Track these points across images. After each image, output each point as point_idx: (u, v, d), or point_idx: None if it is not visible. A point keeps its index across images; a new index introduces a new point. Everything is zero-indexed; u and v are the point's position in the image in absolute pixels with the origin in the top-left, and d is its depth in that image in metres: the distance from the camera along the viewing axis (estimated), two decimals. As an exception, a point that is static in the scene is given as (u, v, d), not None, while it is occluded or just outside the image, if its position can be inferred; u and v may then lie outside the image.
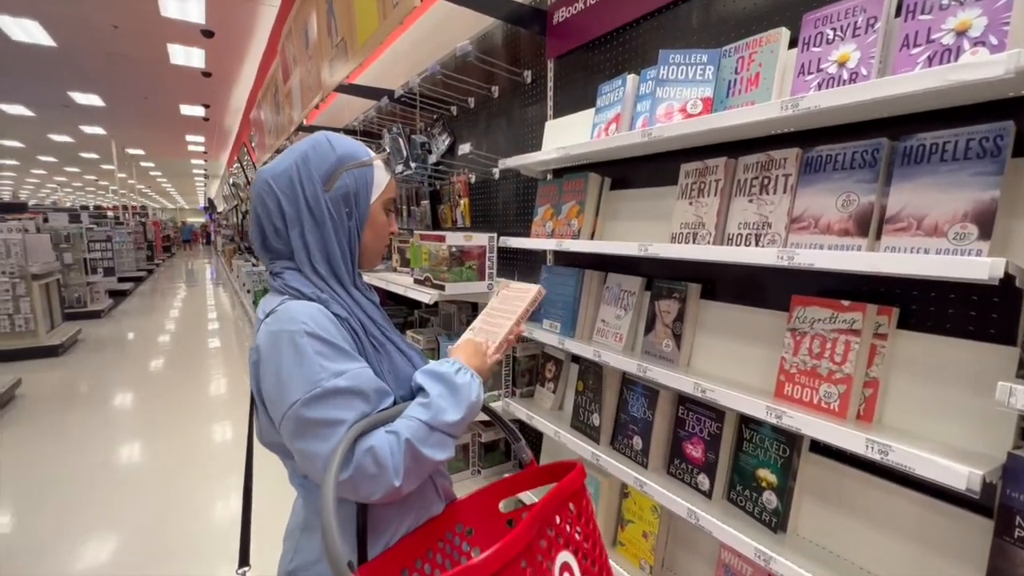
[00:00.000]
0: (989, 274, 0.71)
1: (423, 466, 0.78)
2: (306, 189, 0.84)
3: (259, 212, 0.86)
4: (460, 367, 0.88)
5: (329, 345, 0.77)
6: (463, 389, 0.84)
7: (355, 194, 0.88)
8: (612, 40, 1.67)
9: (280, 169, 0.85)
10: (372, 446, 0.73)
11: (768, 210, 1.13)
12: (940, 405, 0.93)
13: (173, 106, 10.14)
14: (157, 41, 6.71)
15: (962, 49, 0.82)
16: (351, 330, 0.83)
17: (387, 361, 0.87)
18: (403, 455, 0.74)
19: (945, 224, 0.85)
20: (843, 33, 0.98)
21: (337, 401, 0.74)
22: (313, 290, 0.83)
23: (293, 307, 0.79)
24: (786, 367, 1.11)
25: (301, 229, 0.84)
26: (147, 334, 7.16)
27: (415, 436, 0.76)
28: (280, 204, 0.84)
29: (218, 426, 4.01)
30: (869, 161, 0.97)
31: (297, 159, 0.86)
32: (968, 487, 0.75)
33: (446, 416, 0.80)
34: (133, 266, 11.50)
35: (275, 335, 0.76)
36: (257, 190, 0.86)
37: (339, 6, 2.30)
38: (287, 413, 0.74)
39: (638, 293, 1.55)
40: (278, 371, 0.75)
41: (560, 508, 0.82)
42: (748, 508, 1.21)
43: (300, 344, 0.75)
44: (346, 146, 0.89)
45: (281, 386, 0.74)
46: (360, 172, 0.89)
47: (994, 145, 0.81)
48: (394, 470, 0.74)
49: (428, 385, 0.83)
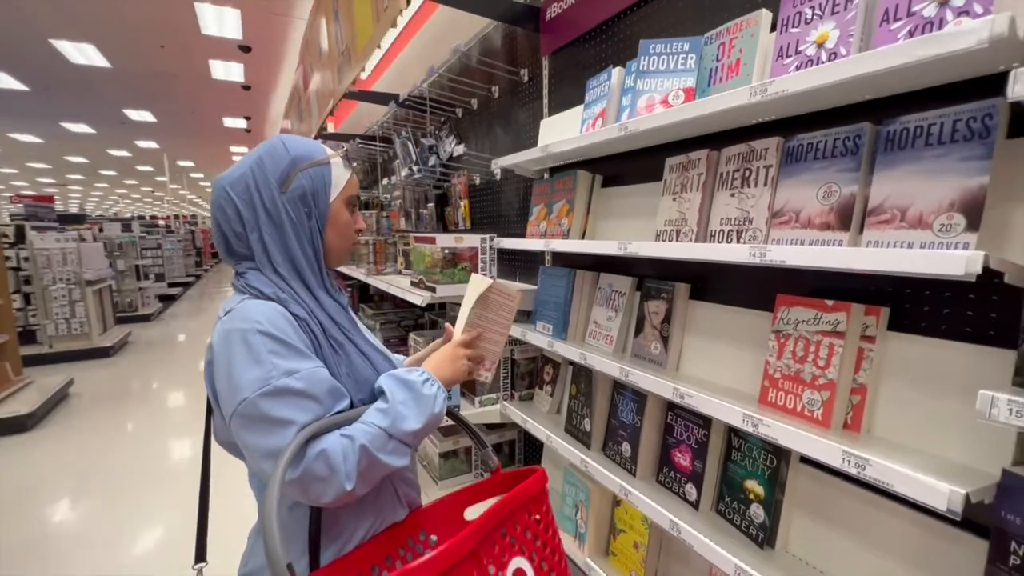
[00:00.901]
0: (965, 269, 0.63)
1: (377, 471, 0.77)
2: (262, 192, 0.84)
3: (219, 219, 0.86)
4: (428, 378, 0.87)
5: (282, 344, 0.76)
6: (426, 400, 0.83)
7: (312, 194, 0.87)
8: (603, 32, 1.63)
9: (236, 175, 0.85)
10: (324, 449, 0.72)
11: (749, 204, 1.06)
12: (936, 414, 0.85)
13: (217, 119, 10.67)
14: (199, 58, 7.09)
15: (945, 20, 0.74)
16: (309, 331, 0.82)
17: (345, 363, 0.86)
18: (356, 460, 0.73)
19: (930, 215, 0.77)
20: (822, 12, 0.91)
21: (288, 400, 0.73)
22: (273, 290, 0.82)
23: (249, 306, 0.78)
24: (770, 371, 1.03)
25: (260, 233, 0.84)
26: (193, 335, 7.55)
27: (372, 443, 0.75)
28: (238, 210, 0.84)
29: None
30: (851, 148, 0.89)
31: (252, 164, 0.85)
32: (949, 507, 0.67)
33: (406, 424, 0.79)
34: (182, 272, 12.16)
35: (228, 333, 0.76)
36: (215, 198, 0.86)
37: (343, 14, 2.35)
38: (236, 410, 0.72)
39: (628, 294, 1.49)
40: (229, 369, 0.74)
41: (516, 513, 0.79)
42: (736, 521, 1.14)
43: (252, 342, 0.74)
44: (301, 147, 0.88)
45: (232, 383, 0.73)
46: (316, 171, 0.87)
47: (982, 126, 0.73)
48: (346, 474, 0.73)
49: (392, 391, 0.82)
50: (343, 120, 4.87)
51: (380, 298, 3.66)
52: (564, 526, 1.66)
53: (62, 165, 15.43)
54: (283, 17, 5.86)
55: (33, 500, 2.96)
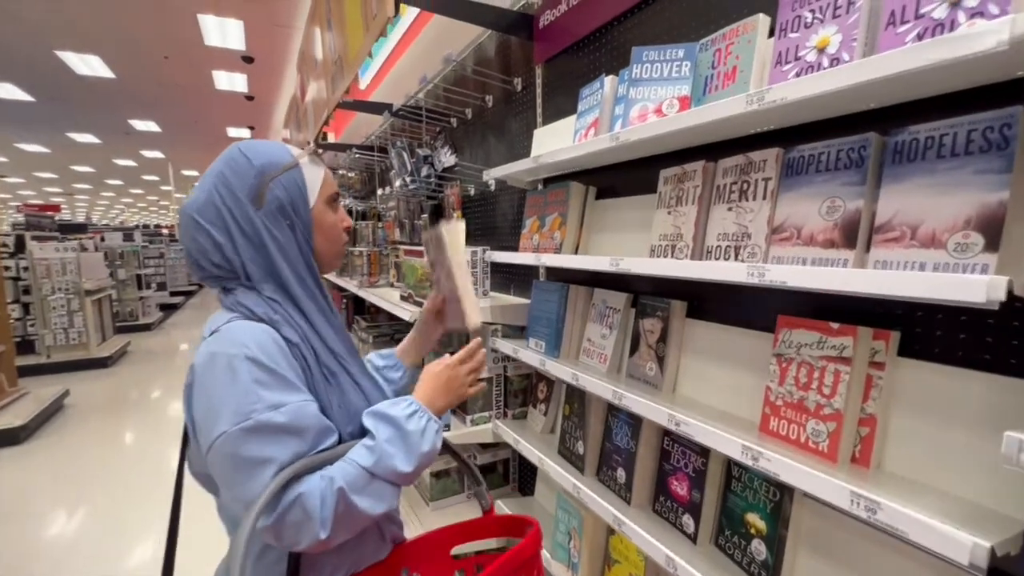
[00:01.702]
0: (987, 296, 0.57)
1: (357, 518, 0.71)
2: (235, 213, 0.77)
3: (192, 250, 0.78)
4: (414, 410, 0.79)
5: (270, 373, 0.70)
6: (414, 437, 0.76)
7: (291, 204, 0.80)
8: (597, 40, 1.58)
9: (202, 200, 0.77)
10: (301, 493, 0.67)
11: (747, 219, 0.99)
12: (951, 450, 0.77)
13: (221, 129, 10.74)
14: (203, 69, 7.13)
15: (956, 22, 0.68)
16: (302, 357, 0.76)
17: (337, 394, 0.80)
18: (334, 505, 0.68)
19: (944, 233, 0.70)
20: (823, 15, 0.85)
21: (269, 437, 0.67)
22: (265, 310, 0.76)
23: (238, 328, 0.72)
24: (772, 398, 0.96)
25: (240, 258, 0.77)
26: (195, 344, 7.52)
27: (350, 485, 0.70)
28: (213, 238, 0.76)
29: None
30: (856, 160, 0.83)
31: (215, 183, 0.78)
32: (971, 562, 0.60)
33: (394, 463, 0.73)
34: (185, 281, 12.18)
35: (213, 356, 0.70)
36: (184, 228, 0.79)
37: (336, 24, 2.32)
38: (214, 443, 0.67)
39: (623, 310, 1.42)
40: (210, 396, 0.69)
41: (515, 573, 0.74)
42: (736, 557, 1.06)
43: (237, 368, 0.68)
44: (264, 153, 0.80)
45: (211, 413, 0.68)
46: (288, 178, 0.80)
47: (1000, 136, 0.66)
48: (321, 522, 0.68)
49: (375, 428, 0.76)
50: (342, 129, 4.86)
51: (376, 311, 3.60)
52: (557, 555, 1.58)
53: (68, 175, 15.57)
54: (285, 28, 5.88)
55: (23, 514, 2.90)
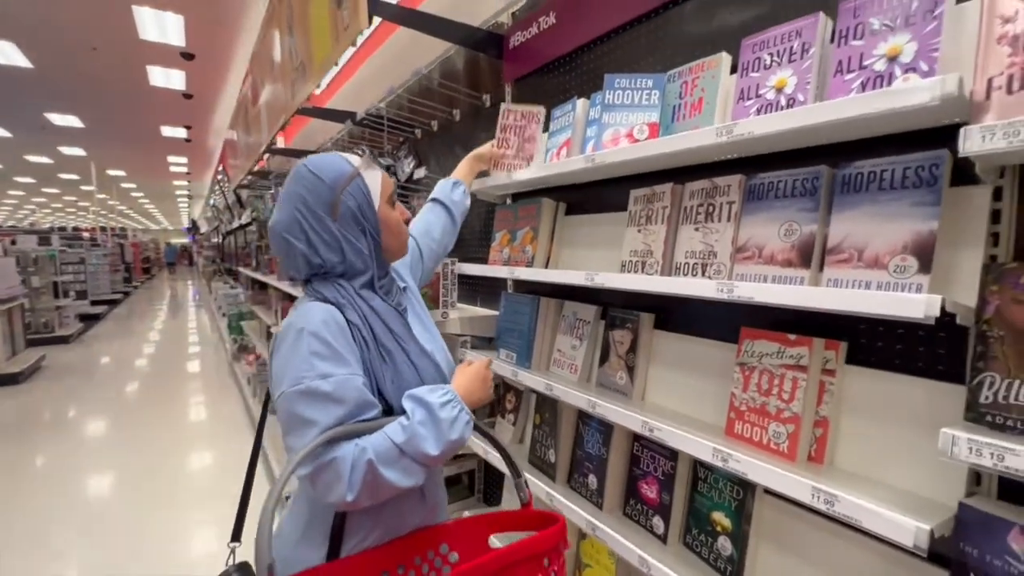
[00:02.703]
0: (925, 312, 0.66)
1: (382, 487, 0.79)
2: (318, 229, 0.90)
3: (285, 261, 0.94)
4: (449, 400, 0.87)
5: (327, 346, 0.82)
6: (444, 424, 0.84)
7: (359, 210, 0.92)
8: (567, 63, 1.65)
9: (287, 220, 0.91)
10: (336, 457, 0.76)
11: (714, 239, 1.08)
12: (893, 447, 0.88)
13: (154, 128, 10.08)
14: (136, 63, 6.69)
15: (894, 75, 0.78)
16: (361, 337, 0.87)
17: (391, 371, 0.89)
18: (363, 473, 0.77)
19: (886, 256, 0.81)
20: (779, 59, 0.95)
21: (315, 401, 0.78)
22: (335, 295, 0.89)
23: (310, 306, 0.86)
24: (736, 404, 1.05)
25: (323, 260, 0.91)
26: (119, 359, 6.94)
27: (380, 457, 0.78)
28: (300, 249, 0.90)
29: (195, 456, 3.84)
30: (810, 189, 0.93)
31: (297, 204, 0.90)
32: (915, 543, 0.69)
33: (424, 445, 0.80)
34: (108, 289, 11.24)
35: (288, 326, 0.85)
36: (276, 244, 0.94)
37: (298, 28, 2.28)
38: (276, 399, 0.82)
39: (593, 322, 1.49)
40: (280, 358, 0.83)
41: (529, 561, 0.78)
42: (704, 554, 1.14)
43: (301, 339, 0.81)
44: (329, 169, 0.91)
45: (278, 372, 0.83)
46: (355, 187, 0.92)
47: (930, 175, 0.78)
48: (349, 484, 0.76)
49: (411, 410, 0.84)
50: (293, 135, 4.71)
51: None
52: (528, 562, 1.61)
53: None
54: (229, 26, 5.64)
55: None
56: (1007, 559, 0.68)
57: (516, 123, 1.59)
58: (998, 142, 0.59)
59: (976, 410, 0.71)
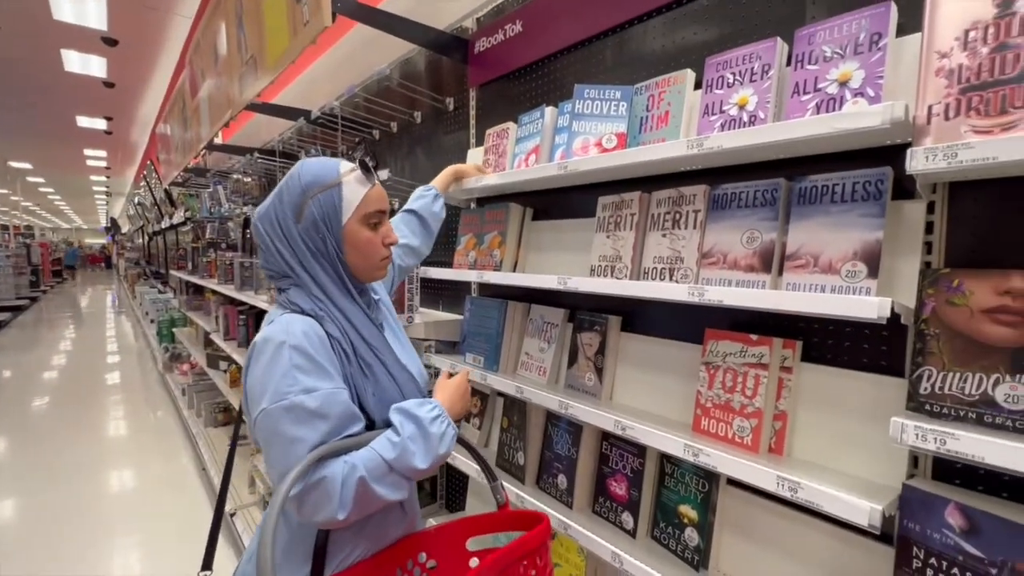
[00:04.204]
0: (878, 313, 0.73)
1: (372, 503, 0.79)
2: (283, 226, 0.89)
3: (262, 253, 0.94)
4: (438, 414, 0.87)
5: (310, 360, 0.80)
6: (434, 439, 0.84)
7: (324, 221, 0.89)
8: (533, 71, 1.68)
9: (264, 209, 0.92)
10: (324, 477, 0.75)
11: (680, 245, 1.14)
12: (843, 436, 0.96)
13: (68, 117, 9.18)
14: (49, 46, 6.08)
15: (844, 99, 0.87)
16: (341, 350, 0.86)
17: (373, 384, 0.89)
18: (354, 490, 0.76)
19: (838, 262, 0.89)
20: (741, 78, 1.02)
21: (300, 418, 0.77)
22: (312, 307, 0.87)
23: (288, 319, 0.84)
24: (702, 401, 1.11)
25: (289, 263, 0.90)
26: (24, 372, 6.26)
27: (371, 473, 0.77)
28: (266, 242, 0.91)
29: (113, 475, 3.52)
30: (769, 200, 1.00)
31: (276, 196, 0.91)
32: (870, 523, 0.76)
33: (413, 460, 0.80)
34: (12, 294, 10.13)
35: (265, 340, 0.82)
36: (254, 230, 0.94)
37: (249, 21, 2.17)
38: (256, 417, 0.78)
39: (561, 325, 1.52)
40: (258, 374, 0.80)
41: (518, 563, 0.79)
42: (671, 546, 1.19)
43: (282, 353, 0.79)
44: (313, 172, 0.90)
45: (257, 388, 0.79)
46: (326, 197, 0.89)
47: (876, 189, 0.86)
48: (340, 503, 0.75)
49: (400, 424, 0.83)
50: (235, 131, 4.45)
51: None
52: (497, 565, 1.61)
53: None
54: (159, 12, 5.26)
55: None
56: (944, 532, 0.76)
57: (494, 143, 1.62)
58: (939, 162, 0.67)
59: (916, 400, 0.80)
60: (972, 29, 0.70)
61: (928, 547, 0.77)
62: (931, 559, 0.77)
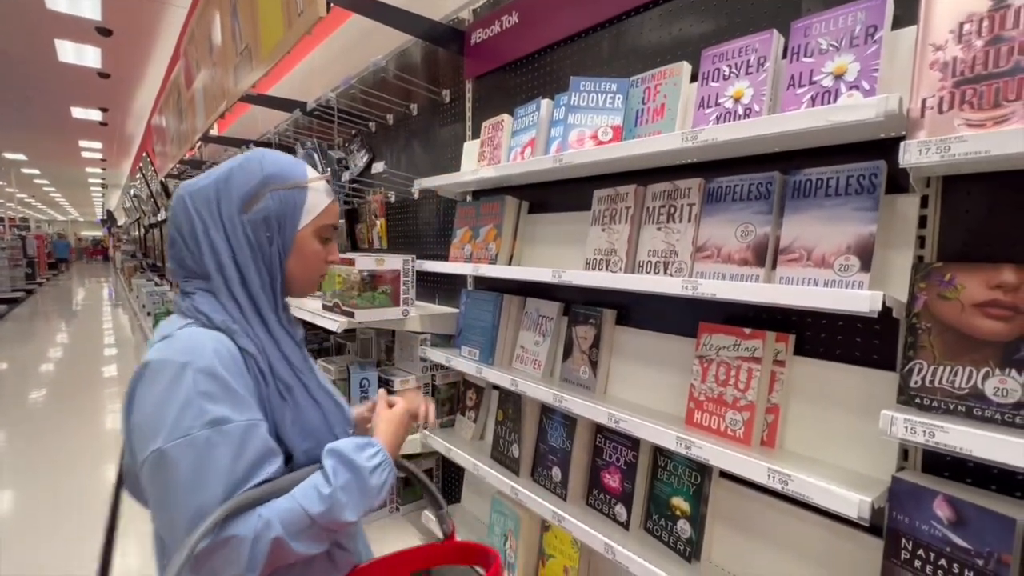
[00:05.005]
0: (869, 307, 0.74)
1: (286, 559, 0.69)
2: (222, 208, 0.77)
3: (174, 231, 0.79)
4: (380, 462, 0.76)
5: (221, 385, 0.67)
6: (372, 491, 0.74)
7: (278, 219, 0.79)
8: (530, 63, 1.67)
9: (200, 185, 0.78)
10: (234, 536, 0.63)
11: (675, 238, 1.14)
12: (835, 429, 0.97)
13: (63, 108, 9.10)
14: (43, 36, 6.01)
15: (839, 92, 0.86)
16: (256, 369, 0.74)
17: (292, 411, 0.77)
18: (266, 551, 0.65)
19: (831, 256, 0.89)
20: (737, 71, 1.02)
21: (206, 457, 0.64)
22: (223, 318, 0.74)
23: (192, 335, 0.71)
24: (695, 394, 1.11)
25: (217, 254, 0.76)
26: (19, 366, 6.24)
27: (288, 529, 0.66)
28: (194, 224, 0.76)
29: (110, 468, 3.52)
30: (764, 193, 1.00)
31: (220, 176, 0.78)
32: (859, 515, 0.77)
33: (342, 515, 0.70)
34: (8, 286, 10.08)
35: (161, 363, 0.67)
36: (174, 205, 0.79)
37: (243, 12, 2.15)
38: (146, 459, 0.64)
39: (556, 318, 1.52)
40: (151, 404, 0.66)
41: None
42: (664, 538, 1.20)
43: (184, 376, 0.66)
44: (279, 165, 0.81)
45: (150, 423, 0.65)
46: (288, 195, 0.80)
47: (870, 182, 0.86)
48: (249, 566, 0.65)
49: (333, 472, 0.72)
50: (231, 123, 4.43)
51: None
52: (491, 557, 1.62)
53: None
54: (153, 1, 5.20)
55: None
56: (932, 523, 0.77)
57: (490, 135, 1.63)
58: (932, 155, 0.67)
59: (907, 393, 0.80)
60: (967, 22, 0.70)
61: (916, 539, 0.78)
62: (919, 550, 0.77)
